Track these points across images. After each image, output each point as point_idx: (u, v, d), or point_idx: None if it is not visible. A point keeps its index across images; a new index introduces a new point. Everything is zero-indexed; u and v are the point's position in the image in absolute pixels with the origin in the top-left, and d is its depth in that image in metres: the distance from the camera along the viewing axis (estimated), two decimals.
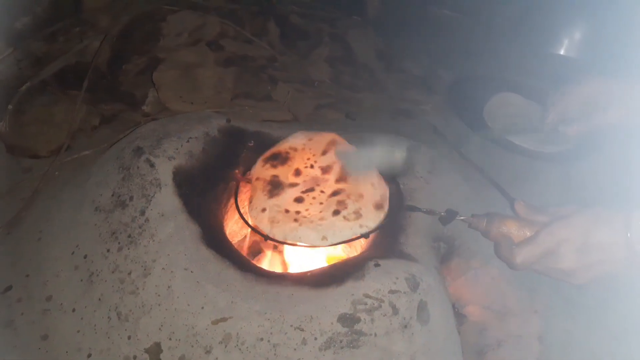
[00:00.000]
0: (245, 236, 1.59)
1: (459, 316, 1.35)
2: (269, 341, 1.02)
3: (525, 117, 2.12)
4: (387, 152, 1.43)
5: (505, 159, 1.88)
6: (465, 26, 2.89)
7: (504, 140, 1.98)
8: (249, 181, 1.31)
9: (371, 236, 1.26)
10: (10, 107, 1.70)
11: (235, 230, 1.59)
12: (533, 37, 2.79)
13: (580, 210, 1.08)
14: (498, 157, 1.88)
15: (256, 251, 1.54)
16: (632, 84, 1.55)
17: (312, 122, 1.96)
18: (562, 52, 2.73)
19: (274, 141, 1.49)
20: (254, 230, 1.21)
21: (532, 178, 1.80)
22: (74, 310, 1.18)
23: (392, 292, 1.07)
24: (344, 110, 2.06)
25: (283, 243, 1.18)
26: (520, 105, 2.18)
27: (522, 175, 1.80)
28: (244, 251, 1.49)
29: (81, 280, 1.20)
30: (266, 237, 1.18)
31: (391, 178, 1.39)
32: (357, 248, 1.46)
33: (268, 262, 1.47)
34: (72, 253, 1.25)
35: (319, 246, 1.14)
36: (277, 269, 1.44)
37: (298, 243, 1.17)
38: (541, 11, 2.80)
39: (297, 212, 1.18)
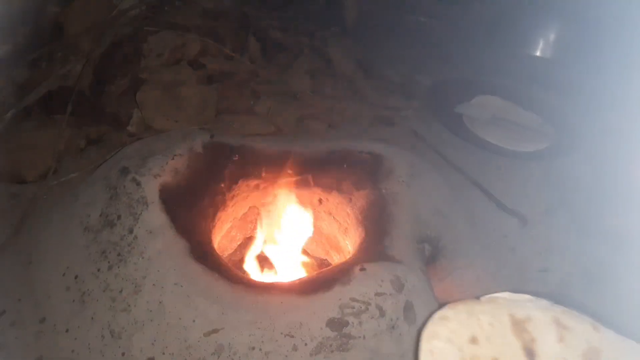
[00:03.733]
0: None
1: None
2: (260, 349, 1.05)
3: (504, 118, 2.18)
4: None
5: (485, 160, 1.92)
6: (441, 32, 2.95)
7: (484, 141, 2.04)
8: None
9: (358, 241, 1.28)
10: None
11: (224, 244, 1.61)
12: (508, 39, 2.86)
13: None
14: (479, 157, 1.93)
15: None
16: None
17: (296, 134, 2.00)
18: (537, 53, 2.81)
19: (257, 155, 1.51)
20: None
21: (512, 177, 1.84)
22: (67, 330, 1.19)
23: (378, 294, 1.09)
24: (326, 121, 2.09)
25: None
26: (498, 107, 2.24)
27: (503, 174, 1.85)
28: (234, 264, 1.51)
29: (73, 301, 1.22)
30: None
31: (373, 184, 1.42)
32: (346, 254, 1.50)
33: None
34: (63, 274, 1.27)
35: None
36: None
37: None
38: (516, 14, 2.87)
39: None
